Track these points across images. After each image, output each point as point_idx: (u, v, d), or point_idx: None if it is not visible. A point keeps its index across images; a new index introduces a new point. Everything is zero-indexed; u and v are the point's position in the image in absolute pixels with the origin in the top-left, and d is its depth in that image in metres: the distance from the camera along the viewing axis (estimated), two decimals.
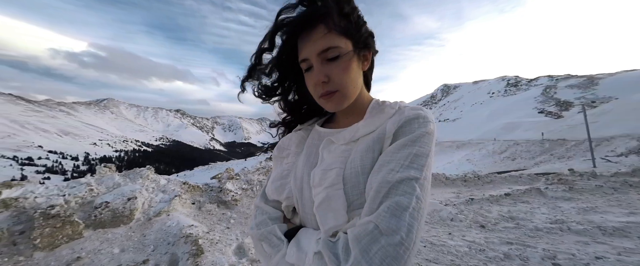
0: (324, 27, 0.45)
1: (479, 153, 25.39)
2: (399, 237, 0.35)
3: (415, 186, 0.39)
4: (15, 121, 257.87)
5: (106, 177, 2.90)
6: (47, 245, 1.90)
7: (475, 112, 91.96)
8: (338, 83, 0.47)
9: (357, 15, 0.49)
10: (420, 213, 0.38)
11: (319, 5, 0.45)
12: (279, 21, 0.46)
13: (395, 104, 0.52)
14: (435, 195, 4.66)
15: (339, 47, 0.45)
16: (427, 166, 0.42)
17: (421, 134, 0.44)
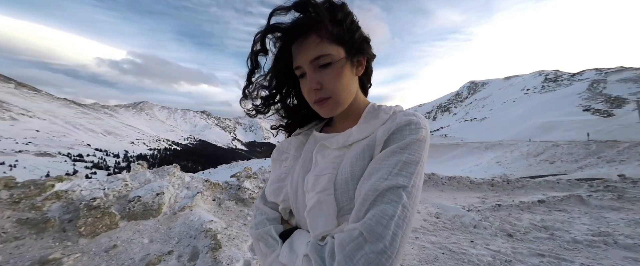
0: (316, 36, 0.46)
1: (510, 154, 23.37)
2: (382, 245, 0.36)
3: (402, 194, 0.39)
4: (69, 122, 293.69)
5: (139, 173, 3.20)
6: (89, 233, 2.15)
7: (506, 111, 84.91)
8: (330, 90, 0.48)
9: (350, 21, 0.49)
10: (405, 221, 0.38)
11: (312, 14, 0.46)
12: (270, 25, 0.47)
13: (390, 109, 0.52)
14: (458, 199, 4.40)
15: (330, 54, 0.46)
16: (417, 173, 0.42)
17: (412, 141, 0.43)
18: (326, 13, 0.46)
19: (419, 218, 3.42)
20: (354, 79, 0.52)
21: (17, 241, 1.94)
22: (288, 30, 0.46)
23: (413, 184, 0.41)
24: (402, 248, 0.37)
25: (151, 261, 1.92)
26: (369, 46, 0.53)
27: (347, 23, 0.48)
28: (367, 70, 0.56)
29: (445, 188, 5.27)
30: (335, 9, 0.47)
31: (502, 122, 66.75)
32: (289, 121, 0.63)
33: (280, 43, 0.49)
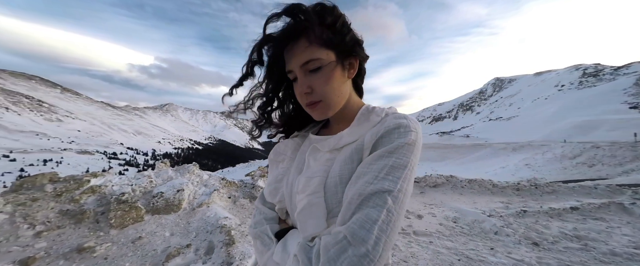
0: (305, 40, 0.47)
1: (542, 157, 21.55)
2: (365, 249, 0.36)
3: (387, 199, 0.39)
4: (105, 123, 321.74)
5: (162, 171, 3.43)
6: (119, 225, 2.35)
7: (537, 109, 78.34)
8: (321, 93, 0.49)
9: (341, 24, 0.49)
10: (390, 226, 0.38)
11: (301, 19, 0.47)
12: (264, 37, 0.49)
13: (382, 111, 0.52)
14: (478, 204, 4.16)
15: (320, 58, 0.47)
16: (404, 178, 0.42)
17: (400, 145, 0.43)
18: (315, 17, 0.46)
19: (435, 222, 3.29)
20: (346, 81, 0.52)
21: (59, 229, 2.18)
22: (279, 39, 0.48)
23: (400, 189, 0.41)
24: (385, 252, 0.38)
25: (171, 253, 2.06)
26: (361, 48, 0.53)
27: (338, 26, 0.48)
28: (360, 71, 0.56)
29: (465, 191, 5.01)
30: (324, 13, 0.47)
31: (532, 122, 61.73)
32: (286, 127, 0.64)
33: (272, 50, 0.51)
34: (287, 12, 0.46)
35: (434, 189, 5.22)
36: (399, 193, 0.41)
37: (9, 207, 2.16)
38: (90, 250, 2.00)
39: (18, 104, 72.12)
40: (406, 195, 0.42)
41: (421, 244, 2.60)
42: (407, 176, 0.42)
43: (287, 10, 0.46)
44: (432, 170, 29.69)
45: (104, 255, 2.01)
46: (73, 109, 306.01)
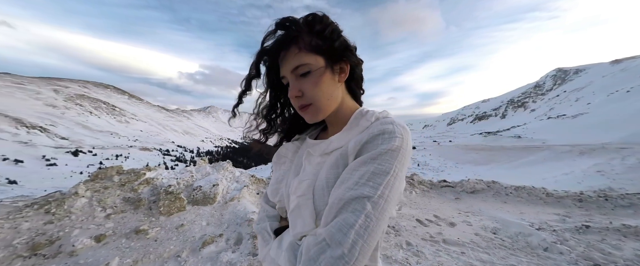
0: (295, 48, 0.50)
1: (620, 162, 17.72)
2: (341, 251, 0.38)
3: (366, 204, 0.41)
4: (160, 124, 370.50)
5: (201, 167, 3.84)
6: (166, 212, 2.72)
7: (614, 105, 64.57)
8: (310, 97, 0.51)
9: (330, 31, 0.51)
10: (368, 231, 0.40)
11: (291, 30, 0.51)
12: (259, 51, 0.53)
13: (372, 115, 0.53)
14: (526, 215, 3.66)
15: (308, 63, 0.50)
16: (387, 184, 0.42)
17: (383, 151, 0.44)
18: (304, 27, 0.50)
19: (470, 231, 3.01)
20: (337, 85, 0.54)
21: (122, 213, 2.63)
22: (272, 49, 0.52)
23: (380, 195, 0.41)
24: (363, 256, 0.39)
25: (206, 241, 2.31)
26: (351, 53, 0.55)
27: (326, 33, 0.51)
28: (353, 76, 0.58)
29: (510, 199, 4.45)
30: (313, 21, 0.51)
31: (607, 120, 51.16)
32: (287, 131, 0.67)
33: (268, 60, 0.55)
34: (279, 26, 0.51)
35: (472, 196, 4.76)
36: (379, 199, 0.41)
37: (88, 193, 2.68)
38: (144, 232, 2.37)
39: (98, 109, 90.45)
40: (388, 201, 0.42)
41: (451, 254, 2.41)
42: (389, 183, 0.43)
43: (279, 24, 0.50)
44: (473, 174, 26.86)
45: (155, 237, 2.36)
46: (137, 113, 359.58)
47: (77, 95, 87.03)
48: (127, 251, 2.14)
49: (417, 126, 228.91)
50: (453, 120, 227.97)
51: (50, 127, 52.10)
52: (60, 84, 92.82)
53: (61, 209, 2.42)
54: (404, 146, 0.45)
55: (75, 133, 57.25)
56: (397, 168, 0.44)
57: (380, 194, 0.42)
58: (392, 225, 3.05)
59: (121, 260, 2.00)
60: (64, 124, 59.04)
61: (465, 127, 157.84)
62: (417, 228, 3.02)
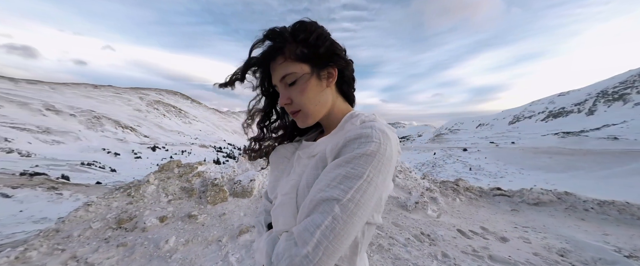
0: (281, 58, 0.53)
1: None
2: (305, 250, 0.40)
3: (334, 207, 0.41)
4: (215, 124, 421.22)
5: (242, 163, 4.25)
6: (212, 202, 3.11)
7: None
8: (298, 104, 0.54)
9: (315, 38, 0.53)
10: (334, 232, 0.40)
11: (276, 41, 0.53)
12: (247, 61, 0.56)
13: (358, 119, 0.53)
14: (611, 237, 2.91)
15: (294, 72, 0.53)
16: (358, 188, 0.42)
17: (357, 156, 0.44)
18: (289, 37, 0.53)
19: (527, 249, 2.56)
20: (325, 90, 0.55)
21: (180, 200, 3.13)
22: (259, 60, 0.56)
23: (350, 199, 0.42)
24: (327, 257, 0.40)
25: (242, 230, 2.56)
26: (339, 56, 0.55)
27: (311, 41, 0.52)
28: (343, 79, 0.58)
29: (590, 216, 3.59)
30: (298, 31, 0.53)
31: None
32: (287, 135, 0.70)
33: (260, 71, 0.59)
34: (267, 37, 0.54)
35: (535, 208, 4.02)
36: (349, 202, 0.41)
37: (156, 181, 3.28)
38: (195, 217, 2.77)
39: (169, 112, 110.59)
40: (359, 206, 0.42)
41: None
42: (361, 187, 0.42)
43: (267, 35, 0.54)
44: (545, 182, 22.31)
45: (202, 222, 2.74)
46: (197, 115, 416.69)
47: (155, 101, 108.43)
48: (181, 232, 2.54)
49: (469, 125, 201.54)
50: (516, 118, 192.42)
51: (137, 127, 65.95)
52: (143, 93, 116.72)
53: (138, 194, 3.02)
54: (381, 151, 0.44)
55: (154, 132, 71.43)
56: (372, 174, 0.43)
57: (350, 198, 0.42)
58: (427, 233, 2.82)
59: (177, 238, 2.39)
60: (146, 125, 74.23)
61: (534, 127, 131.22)
62: (457, 240, 2.72)
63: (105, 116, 61.89)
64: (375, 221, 0.51)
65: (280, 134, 0.69)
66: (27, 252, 1.98)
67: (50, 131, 38.76)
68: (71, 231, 2.38)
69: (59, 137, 38.44)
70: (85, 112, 56.40)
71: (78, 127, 48.39)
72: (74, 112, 53.37)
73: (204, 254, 2.21)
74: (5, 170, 15.76)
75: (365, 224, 0.50)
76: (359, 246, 0.50)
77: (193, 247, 2.32)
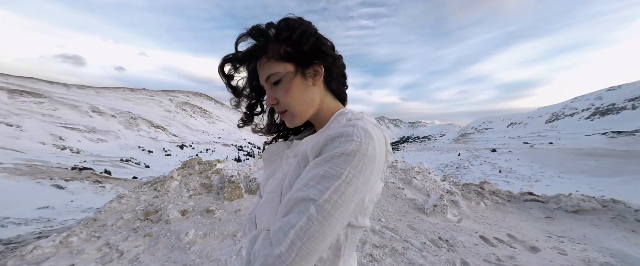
0: (265, 58, 0.52)
1: None
2: (278, 250, 0.39)
3: (310, 207, 0.40)
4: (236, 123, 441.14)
5: (258, 161, 4.37)
6: (228, 198, 3.25)
7: None
8: (284, 104, 0.53)
9: (298, 35, 0.51)
10: (308, 233, 0.39)
11: (259, 40, 0.52)
12: (226, 57, 0.53)
13: (343, 117, 0.51)
14: None
15: (277, 72, 0.51)
16: (336, 189, 0.41)
17: (335, 155, 0.42)
18: (272, 36, 0.51)
19: (562, 262, 2.32)
20: (311, 89, 0.54)
21: (199, 195, 3.31)
22: (242, 59, 0.54)
23: (327, 199, 0.40)
24: (300, 258, 0.39)
25: None
26: (324, 53, 0.53)
27: (294, 39, 0.50)
28: (331, 76, 0.56)
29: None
30: (281, 29, 0.51)
31: None
32: (281, 133, 0.69)
33: (246, 67, 0.58)
34: (250, 34, 0.52)
35: (574, 217, 3.62)
36: (325, 203, 0.40)
37: (179, 177, 3.50)
38: (212, 212, 2.91)
39: (195, 112, 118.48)
40: (337, 208, 0.40)
41: None
42: (339, 188, 0.41)
43: (250, 33, 0.52)
44: (589, 188, 19.98)
45: (219, 217, 2.87)
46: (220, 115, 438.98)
47: (183, 102, 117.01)
48: (200, 225, 2.69)
49: (499, 124, 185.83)
50: (555, 116, 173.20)
51: (167, 127, 71.73)
52: (172, 95, 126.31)
53: (163, 188, 3.26)
54: (362, 150, 0.42)
55: (182, 131, 77.24)
56: (351, 174, 0.41)
57: (326, 199, 0.40)
58: (446, 238, 2.66)
59: (196, 231, 2.54)
60: (175, 125, 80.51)
61: (577, 125, 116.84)
62: (479, 247, 2.53)
63: (140, 117, 68.14)
64: (360, 224, 0.49)
65: (273, 133, 0.69)
66: (69, 238, 2.24)
67: (95, 131, 43.64)
68: (106, 221, 2.63)
69: (103, 136, 43.13)
70: (123, 113, 62.58)
71: (118, 127, 53.84)
72: (114, 113, 59.50)
73: (219, 247, 2.32)
74: (60, 165, 17.99)
75: (348, 227, 0.48)
76: (341, 249, 0.48)
77: (210, 240, 2.44)
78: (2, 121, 32.58)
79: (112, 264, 2.02)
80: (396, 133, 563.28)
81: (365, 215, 0.50)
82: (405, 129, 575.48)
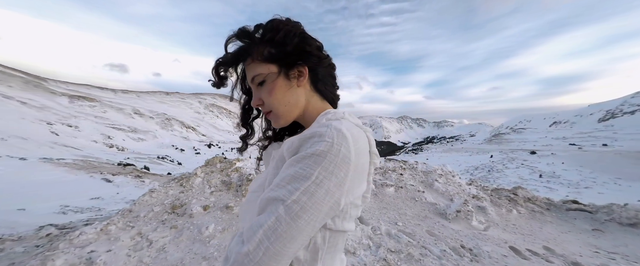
0: (250, 59, 0.53)
1: None
2: (247, 248, 0.40)
3: (278, 207, 0.40)
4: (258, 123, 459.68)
5: None
6: (246, 195, 3.38)
7: None
8: (268, 105, 0.54)
9: (282, 36, 0.51)
10: (276, 234, 0.39)
11: (245, 42, 0.53)
12: (217, 61, 0.54)
13: (323, 117, 0.50)
14: None
15: (261, 73, 0.52)
16: (305, 190, 0.40)
17: (306, 155, 0.42)
18: (256, 38, 0.52)
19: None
20: (295, 90, 0.54)
21: (220, 192, 3.49)
22: (229, 61, 0.55)
23: (295, 200, 0.40)
24: (268, 258, 0.39)
25: None
26: (307, 53, 0.52)
27: (278, 39, 0.51)
28: (317, 76, 0.55)
29: None
30: (266, 30, 0.51)
31: None
32: (276, 135, 0.69)
33: (235, 70, 0.59)
34: (236, 36, 0.54)
35: (630, 230, 3.14)
36: (294, 204, 0.40)
37: (202, 174, 3.74)
38: (231, 208, 3.05)
39: (221, 113, 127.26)
40: (306, 209, 0.40)
41: None
42: (309, 189, 0.40)
43: (237, 35, 0.53)
44: None
45: (237, 213, 3.00)
46: None
47: (210, 104, 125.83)
48: (220, 220, 2.83)
49: (539, 123, 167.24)
50: (611, 114, 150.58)
51: (197, 127, 77.56)
52: (201, 97, 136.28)
53: (188, 184, 3.51)
54: (334, 151, 0.41)
55: (210, 131, 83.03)
56: (322, 175, 0.40)
57: (295, 200, 0.40)
58: (469, 247, 2.47)
59: (215, 226, 2.68)
60: (204, 125, 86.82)
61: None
62: (508, 259, 2.30)
63: (174, 118, 74.84)
64: (339, 227, 0.47)
65: (268, 134, 0.69)
66: (109, 226, 2.51)
67: (136, 130, 48.98)
68: (139, 212, 2.91)
69: (142, 135, 48.24)
70: (160, 115, 69.31)
71: (155, 127, 59.79)
72: (152, 115, 66.22)
73: None
74: (109, 161, 20.40)
75: (325, 230, 0.47)
76: (319, 253, 0.47)
77: (228, 235, 2.56)
78: (64, 122, 37.88)
79: (142, 252, 2.22)
80: (419, 133, 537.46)
81: (345, 219, 0.48)
82: (429, 128, 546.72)
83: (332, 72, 0.58)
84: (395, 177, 4.17)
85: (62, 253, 2.02)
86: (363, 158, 0.46)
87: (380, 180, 4.01)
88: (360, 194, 0.48)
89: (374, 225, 2.83)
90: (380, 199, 3.64)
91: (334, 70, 0.59)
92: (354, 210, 0.49)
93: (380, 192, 3.78)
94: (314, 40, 0.55)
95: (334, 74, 0.59)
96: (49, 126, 33.22)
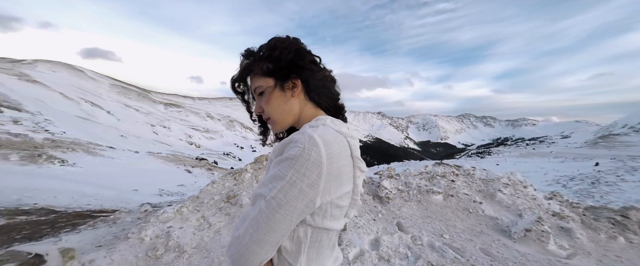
0: (252, 74, 0.63)
1: None
2: (237, 233, 0.51)
3: (261, 202, 0.49)
4: None
5: None
6: None
7: None
8: (267, 113, 0.62)
9: (278, 53, 0.58)
10: (258, 224, 0.48)
11: (249, 59, 0.62)
12: (236, 76, 0.64)
13: (307, 124, 0.57)
14: None
15: (261, 85, 0.61)
16: (281, 189, 0.47)
17: (283, 159, 0.49)
18: (258, 56, 0.61)
19: None
20: (289, 100, 0.60)
21: None
22: (238, 77, 0.65)
23: (273, 197, 0.47)
24: (253, 243, 0.48)
25: None
26: (300, 68, 0.58)
27: (274, 56, 0.58)
28: (309, 87, 0.61)
29: None
30: (264, 49, 0.60)
31: None
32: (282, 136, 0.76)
33: (243, 84, 0.67)
34: (244, 56, 0.63)
35: None
36: (272, 200, 0.47)
37: (251, 170, 4.22)
38: None
39: None
40: (281, 205, 0.47)
41: None
42: (283, 188, 0.47)
43: (244, 54, 0.63)
44: None
45: None
46: None
47: None
48: None
49: None
50: None
51: (253, 128, 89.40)
52: None
53: (240, 178, 4.02)
54: (304, 156, 0.46)
55: None
56: (295, 177, 0.47)
57: (273, 196, 0.48)
58: None
59: None
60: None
61: None
62: None
63: (236, 120, 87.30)
64: (320, 225, 0.53)
65: (280, 136, 0.79)
66: (182, 208, 3.13)
67: (208, 131, 59.31)
68: (203, 199, 3.51)
69: (212, 135, 58.08)
70: (225, 117, 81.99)
71: (221, 128, 71.09)
72: (219, 117, 79.03)
73: None
74: (190, 156, 25.26)
75: (307, 225, 0.52)
76: (302, 246, 0.53)
77: None
78: (161, 124, 48.68)
79: (203, 232, 2.69)
80: (487, 133, 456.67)
81: (326, 217, 0.53)
82: (500, 128, 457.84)
83: (327, 83, 0.63)
84: (445, 184, 3.72)
85: (151, 225, 2.65)
86: (339, 162, 0.50)
87: (426, 186, 3.66)
88: (339, 195, 0.52)
89: (414, 234, 2.62)
90: (424, 207, 3.33)
91: (329, 81, 0.64)
92: (336, 210, 0.53)
93: (424, 199, 3.45)
94: (309, 55, 0.61)
95: (329, 84, 0.64)
96: (152, 127, 43.74)
